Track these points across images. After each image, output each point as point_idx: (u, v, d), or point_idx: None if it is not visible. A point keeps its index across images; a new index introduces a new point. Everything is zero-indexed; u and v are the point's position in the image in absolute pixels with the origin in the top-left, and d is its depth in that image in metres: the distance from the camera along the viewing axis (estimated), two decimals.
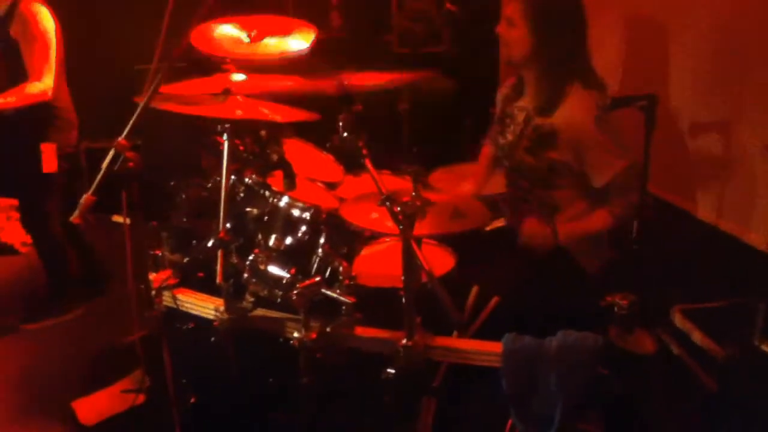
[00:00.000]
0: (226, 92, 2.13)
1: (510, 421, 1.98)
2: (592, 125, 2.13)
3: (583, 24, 2.20)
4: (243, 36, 2.27)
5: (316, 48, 2.27)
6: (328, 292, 1.89)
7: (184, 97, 2.18)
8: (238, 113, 2.04)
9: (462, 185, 2.58)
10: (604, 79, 2.28)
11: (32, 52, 2.91)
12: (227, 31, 2.27)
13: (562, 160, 2.22)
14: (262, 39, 2.27)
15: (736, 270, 2.24)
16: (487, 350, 1.87)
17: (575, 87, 2.18)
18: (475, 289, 2.23)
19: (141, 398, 2.28)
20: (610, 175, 2.15)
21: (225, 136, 2.06)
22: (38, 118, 3.02)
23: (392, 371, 1.82)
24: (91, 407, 2.46)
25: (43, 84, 2.93)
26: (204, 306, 2.10)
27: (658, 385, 2.21)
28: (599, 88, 2.22)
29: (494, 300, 2.16)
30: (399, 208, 1.72)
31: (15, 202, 4.10)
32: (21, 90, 2.90)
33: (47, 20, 2.96)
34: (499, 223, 2.59)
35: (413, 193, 1.91)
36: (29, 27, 2.90)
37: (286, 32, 2.32)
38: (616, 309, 1.96)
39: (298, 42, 2.25)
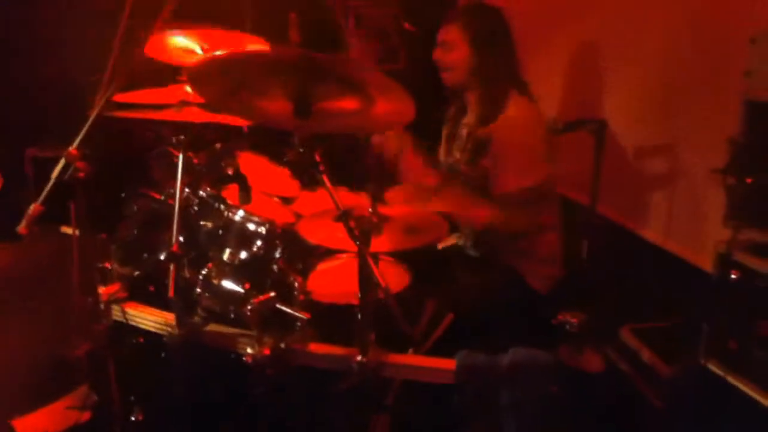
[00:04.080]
0: (183, 103, 2.10)
1: None
2: (522, 129, 2.19)
3: (512, 39, 2.31)
4: (196, 47, 2.25)
5: None
6: (283, 308, 1.87)
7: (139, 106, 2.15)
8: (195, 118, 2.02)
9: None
10: (553, 103, 2.36)
11: None
12: (181, 41, 2.24)
13: (489, 168, 2.27)
14: (214, 52, 2.25)
15: (682, 290, 2.30)
16: (441, 367, 1.88)
17: (513, 97, 2.26)
18: (430, 306, 2.25)
19: (86, 415, 2.21)
20: (502, 189, 2.20)
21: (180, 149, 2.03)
22: None
23: (345, 388, 1.81)
24: (33, 425, 2.38)
25: None
26: (154, 321, 2.06)
27: (607, 402, 2.25)
28: (532, 98, 2.30)
29: (448, 317, 2.17)
30: (355, 224, 1.72)
31: None
32: None
33: None
34: (452, 240, 2.62)
35: (370, 210, 1.92)
36: None
37: (239, 47, 2.30)
38: (567, 327, 1.99)
39: None
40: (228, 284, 1.98)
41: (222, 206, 2.15)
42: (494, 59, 2.27)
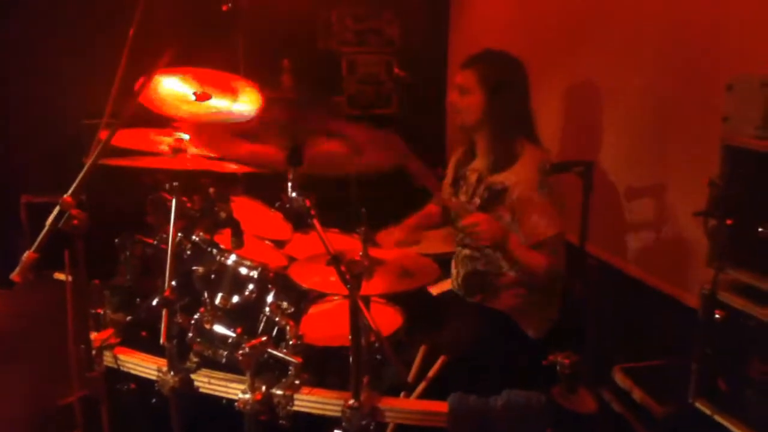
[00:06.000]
0: (177, 150, 2.14)
1: None
2: (536, 186, 2.22)
3: (528, 88, 2.36)
4: (189, 93, 2.27)
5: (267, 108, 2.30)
6: (275, 352, 1.87)
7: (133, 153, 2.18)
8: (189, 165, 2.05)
9: (390, 235, 2.60)
10: (545, 143, 2.41)
11: None
12: (173, 86, 2.25)
13: (505, 218, 2.29)
14: (207, 99, 2.28)
15: (673, 329, 2.31)
16: (434, 410, 1.87)
17: (526, 146, 2.31)
18: (422, 349, 2.25)
19: None
20: (536, 239, 2.22)
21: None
22: None
23: None
24: None
25: None
26: (146, 366, 2.06)
27: None
28: (543, 148, 2.35)
29: (441, 359, 2.18)
30: (346, 268, 1.74)
31: None
32: None
33: None
34: (446, 285, 2.63)
35: (361, 253, 1.94)
36: None
37: (233, 96, 2.33)
38: (558, 368, 1.99)
39: (244, 108, 2.25)
40: (220, 329, 1.99)
41: (215, 250, 2.16)
42: (507, 107, 2.31)
